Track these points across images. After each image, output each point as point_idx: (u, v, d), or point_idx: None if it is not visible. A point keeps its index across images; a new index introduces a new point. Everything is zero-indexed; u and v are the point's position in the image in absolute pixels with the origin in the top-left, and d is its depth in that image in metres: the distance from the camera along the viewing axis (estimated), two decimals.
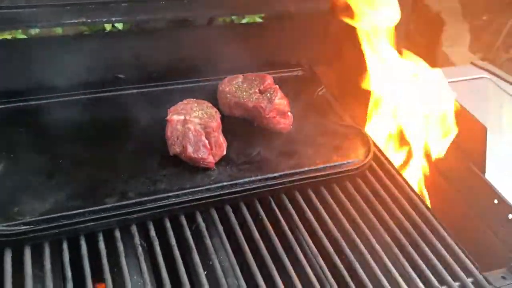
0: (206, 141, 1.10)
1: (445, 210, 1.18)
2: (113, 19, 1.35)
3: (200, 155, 1.09)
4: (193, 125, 1.10)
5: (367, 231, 1.06)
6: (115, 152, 1.15)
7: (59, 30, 1.72)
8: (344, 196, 1.14)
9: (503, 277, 1.02)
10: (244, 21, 1.69)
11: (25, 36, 1.60)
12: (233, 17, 1.66)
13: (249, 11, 1.61)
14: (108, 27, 1.86)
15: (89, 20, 1.33)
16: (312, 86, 1.45)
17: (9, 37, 1.74)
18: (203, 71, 1.42)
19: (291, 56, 1.53)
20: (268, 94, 1.24)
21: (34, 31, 1.72)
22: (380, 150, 1.27)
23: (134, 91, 1.35)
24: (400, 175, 1.21)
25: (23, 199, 1.00)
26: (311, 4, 1.55)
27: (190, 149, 1.09)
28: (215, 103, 1.28)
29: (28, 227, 0.94)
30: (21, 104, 1.26)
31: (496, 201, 1.11)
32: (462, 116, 1.19)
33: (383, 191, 1.16)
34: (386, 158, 1.26)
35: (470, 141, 1.18)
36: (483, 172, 1.15)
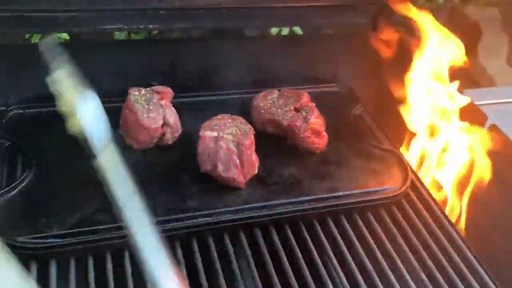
0: (237, 161, 1.06)
1: (483, 245, 1.12)
2: (150, 26, 1.33)
3: (230, 175, 1.06)
4: (225, 143, 1.07)
5: (401, 265, 1.01)
6: (145, 165, 1.13)
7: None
8: (378, 226, 1.09)
9: None
10: (283, 33, 1.65)
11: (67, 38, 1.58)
12: (272, 29, 1.62)
13: (287, 23, 1.57)
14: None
15: (126, 27, 1.32)
16: (349, 104, 1.40)
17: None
18: (238, 84, 1.39)
19: (328, 71, 1.48)
20: (304, 113, 1.20)
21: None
22: (418, 177, 1.22)
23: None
24: (438, 205, 1.16)
25: (52, 210, 0.98)
26: (351, 18, 1.51)
27: (220, 168, 1.06)
28: (248, 117, 1.25)
29: (54, 240, 0.93)
30: (54, 109, 1.25)
31: None
32: (506, 146, 1.13)
33: (419, 222, 1.11)
34: (424, 186, 1.20)
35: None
36: None
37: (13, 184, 1.02)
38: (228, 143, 1.08)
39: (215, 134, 1.09)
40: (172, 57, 1.39)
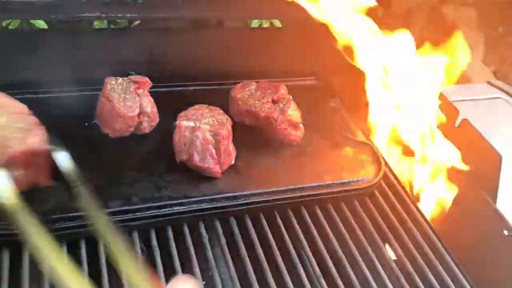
0: (213, 150, 1.07)
1: (454, 236, 1.16)
2: (128, 15, 1.33)
3: (206, 165, 1.07)
4: (201, 133, 1.07)
5: (372, 254, 1.03)
6: (121, 154, 1.13)
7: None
8: (351, 216, 1.12)
9: None
10: (264, 25, 1.66)
11: (46, 27, 1.56)
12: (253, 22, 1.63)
13: (265, 15, 1.58)
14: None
15: (104, 15, 1.32)
16: (326, 97, 1.42)
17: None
18: (216, 75, 1.40)
19: (306, 64, 1.50)
20: (281, 105, 1.21)
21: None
22: (390, 169, 1.24)
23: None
24: (410, 197, 1.19)
25: None
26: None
27: (196, 158, 1.07)
28: (226, 108, 1.25)
29: None
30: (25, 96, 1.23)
31: (506, 232, 1.08)
32: (476, 141, 1.16)
33: (392, 213, 1.14)
34: (396, 178, 1.23)
35: (483, 168, 1.15)
36: (495, 201, 1.12)
37: None
38: (204, 133, 1.08)
39: (191, 124, 1.10)
40: (151, 47, 1.39)
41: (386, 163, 1.25)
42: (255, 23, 1.66)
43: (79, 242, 0.94)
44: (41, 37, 1.39)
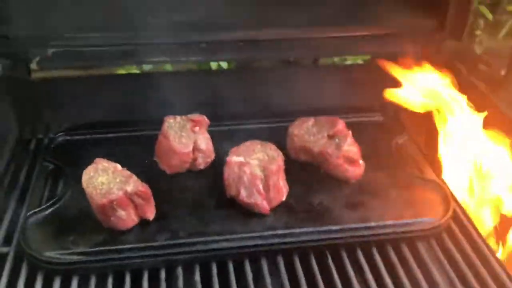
0: (261, 186, 1.05)
1: None
2: (193, 58, 1.39)
3: (253, 200, 1.05)
4: (249, 168, 1.06)
5: None
6: (176, 189, 1.15)
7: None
8: (413, 260, 1.01)
9: None
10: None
11: (138, 71, 1.69)
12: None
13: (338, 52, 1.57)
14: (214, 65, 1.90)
15: (169, 59, 1.39)
16: (393, 133, 1.34)
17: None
18: (280, 112, 1.39)
19: (375, 100, 1.44)
20: (337, 140, 1.17)
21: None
22: (462, 209, 1.12)
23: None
24: (483, 239, 1.05)
25: (80, 229, 1.03)
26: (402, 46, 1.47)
27: (243, 193, 1.05)
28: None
29: (79, 257, 0.96)
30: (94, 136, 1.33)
31: None
32: None
33: (460, 257, 1.02)
34: (468, 218, 1.10)
35: None
36: None
37: (49, 203, 1.08)
38: (252, 168, 1.07)
39: (240, 159, 1.09)
40: (214, 88, 1.43)
41: (456, 202, 1.13)
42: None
43: None
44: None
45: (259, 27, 1.36)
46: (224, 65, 1.78)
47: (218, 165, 1.20)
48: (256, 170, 1.07)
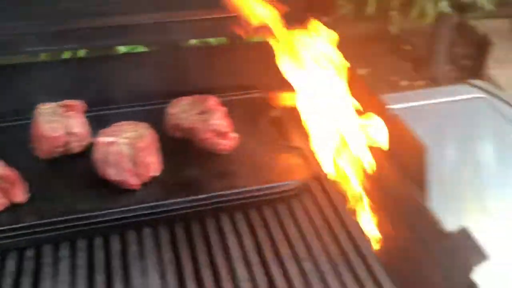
0: (128, 163, 1.09)
1: (387, 232, 1.11)
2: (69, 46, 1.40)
3: (121, 178, 1.09)
4: (116, 147, 1.10)
5: (287, 257, 1.00)
6: (48, 171, 1.18)
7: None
8: (275, 220, 1.09)
9: None
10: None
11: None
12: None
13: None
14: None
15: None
16: (268, 108, 1.42)
17: None
18: (161, 94, 1.43)
19: (253, 78, 1.51)
20: (207, 115, 1.23)
21: None
22: (323, 172, 1.21)
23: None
24: (341, 195, 1.15)
25: None
26: None
27: (111, 172, 1.09)
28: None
29: None
30: None
31: (436, 227, 1.01)
32: (403, 134, 1.11)
33: (318, 215, 1.11)
34: (329, 181, 1.19)
35: (411, 160, 1.09)
36: (426, 194, 1.06)
37: None
38: (119, 146, 1.11)
39: (108, 139, 1.13)
40: (90, 74, 1.45)
41: (318, 165, 1.22)
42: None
43: None
44: None
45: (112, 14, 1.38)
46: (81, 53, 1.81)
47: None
48: (123, 148, 1.12)
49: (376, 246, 1.09)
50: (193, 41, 1.90)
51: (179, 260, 1.00)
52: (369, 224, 1.14)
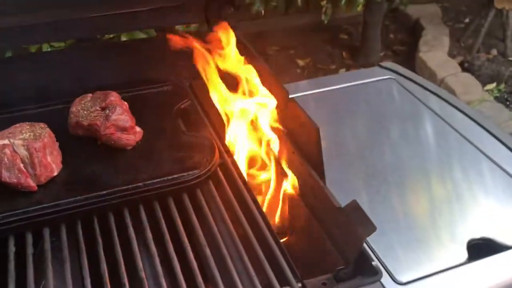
0: (21, 165, 1.07)
1: (291, 213, 1.14)
2: None
3: (15, 180, 1.07)
4: (9, 149, 1.08)
5: (188, 247, 1.02)
6: None
7: None
8: (178, 211, 1.10)
9: (324, 283, 0.96)
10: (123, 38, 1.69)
11: None
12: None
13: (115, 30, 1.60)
14: None
15: None
16: (178, 100, 1.42)
17: None
18: (66, 93, 1.41)
19: (162, 72, 1.51)
20: (107, 111, 1.22)
21: None
22: (226, 158, 1.23)
23: None
24: (245, 183, 1.17)
25: None
26: (185, 18, 1.55)
27: (5, 174, 1.07)
28: None
29: None
30: None
31: (332, 204, 1.05)
32: (298, 116, 1.14)
33: (222, 201, 1.12)
34: (236, 166, 1.21)
35: (307, 142, 1.13)
36: (321, 173, 1.09)
37: None
38: (14, 148, 1.09)
39: (3, 141, 1.10)
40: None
41: (224, 153, 1.23)
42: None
43: None
44: None
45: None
46: None
47: None
48: (19, 149, 1.09)
49: (277, 228, 1.12)
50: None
51: (80, 258, 1.00)
52: (271, 207, 1.17)
